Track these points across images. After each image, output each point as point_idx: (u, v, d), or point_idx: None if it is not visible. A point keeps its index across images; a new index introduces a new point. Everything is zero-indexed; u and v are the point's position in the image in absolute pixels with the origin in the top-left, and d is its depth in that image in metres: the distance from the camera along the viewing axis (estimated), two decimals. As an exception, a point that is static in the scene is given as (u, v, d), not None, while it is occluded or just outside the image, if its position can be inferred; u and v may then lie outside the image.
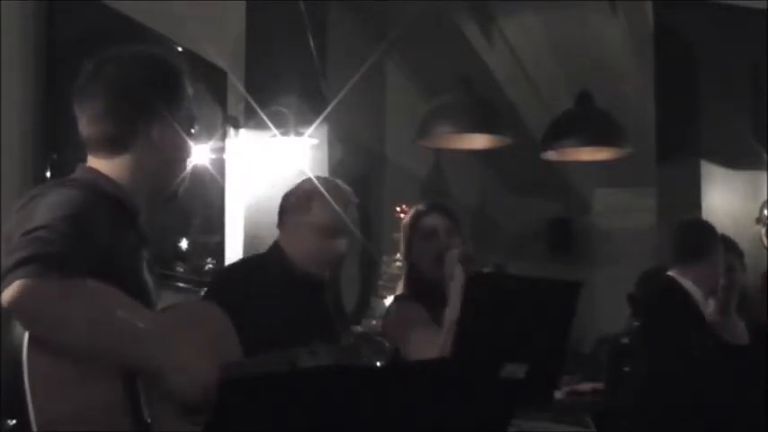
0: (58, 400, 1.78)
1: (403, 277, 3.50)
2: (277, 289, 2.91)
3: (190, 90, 2.18)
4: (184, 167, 2.18)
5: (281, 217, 3.12)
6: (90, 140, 2.10)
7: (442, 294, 3.27)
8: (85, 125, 2.10)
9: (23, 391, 1.76)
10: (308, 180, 3.16)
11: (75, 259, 1.80)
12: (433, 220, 3.43)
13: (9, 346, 1.80)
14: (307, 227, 3.03)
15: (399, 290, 3.49)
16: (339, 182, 3.21)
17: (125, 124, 2.08)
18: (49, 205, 1.90)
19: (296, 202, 3.09)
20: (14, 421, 1.76)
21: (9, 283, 1.75)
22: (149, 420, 1.85)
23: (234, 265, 3.32)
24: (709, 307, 4.04)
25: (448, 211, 3.49)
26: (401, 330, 3.15)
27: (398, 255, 3.58)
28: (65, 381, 1.79)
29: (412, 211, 3.52)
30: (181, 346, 1.91)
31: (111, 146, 2.08)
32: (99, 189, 2.03)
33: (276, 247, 3.11)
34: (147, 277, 2.11)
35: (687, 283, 3.94)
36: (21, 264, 1.76)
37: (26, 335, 1.78)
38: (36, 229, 1.82)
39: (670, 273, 4.01)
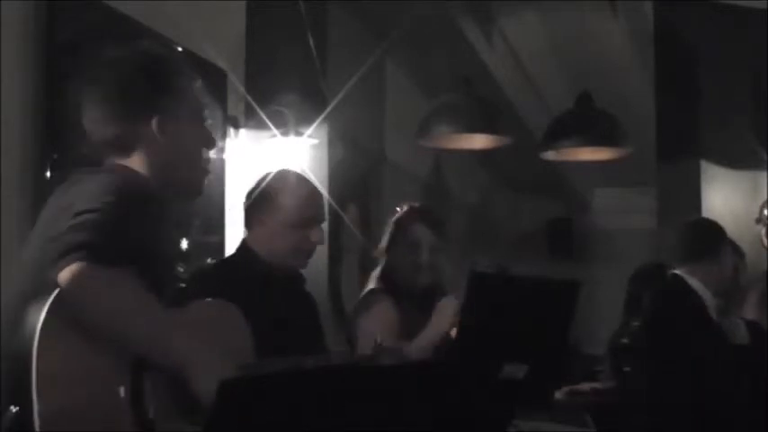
0: (64, 396, 1.77)
1: (380, 270, 3.49)
2: (251, 288, 2.86)
3: (192, 82, 2.18)
4: (200, 159, 2.19)
5: (248, 216, 3.07)
6: (101, 145, 2.12)
7: (415, 296, 3.33)
8: (93, 131, 2.12)
9: (29, 383, 1.74)
10: (271, 174, 3.10)
11: (127, 249, 1.82)
12: (420, 232, 3.43)
13: (16, 339, 1.79)
14: (276, 222, 2.97)
15: (374, 282, 3.48)
16: (300, 172, 3.17)
17: (126, 125, 2.09)
18: (97, 189, 1.91)
19: (260, 198, 3.04)
20: (17, 408, 1.75)
21: (68, 264, 1.77)
22: (152, 418, 1.86)
23: (204, 272, 3.29)
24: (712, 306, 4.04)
25: (437, 224, 3.48)
26: (371, 328, 3.18)
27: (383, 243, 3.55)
28: (73, 376, 1.79)
29: (405, 209, 3.51)
30: (204, 343, 1.91)
31: (120, 148, 2.10)
32: (133, 181, 2.04)
33: (244, 246, 3.06)
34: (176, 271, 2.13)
35: (695, 282, 3.93)
36: (80, 247, 1.78)
37: (38, 328, 1.76)
38: (89, 211, 1.83)
39: (676, 271, 4.00)
